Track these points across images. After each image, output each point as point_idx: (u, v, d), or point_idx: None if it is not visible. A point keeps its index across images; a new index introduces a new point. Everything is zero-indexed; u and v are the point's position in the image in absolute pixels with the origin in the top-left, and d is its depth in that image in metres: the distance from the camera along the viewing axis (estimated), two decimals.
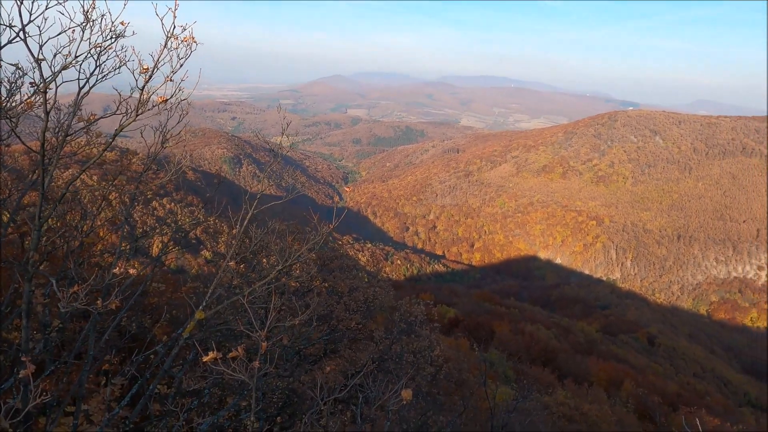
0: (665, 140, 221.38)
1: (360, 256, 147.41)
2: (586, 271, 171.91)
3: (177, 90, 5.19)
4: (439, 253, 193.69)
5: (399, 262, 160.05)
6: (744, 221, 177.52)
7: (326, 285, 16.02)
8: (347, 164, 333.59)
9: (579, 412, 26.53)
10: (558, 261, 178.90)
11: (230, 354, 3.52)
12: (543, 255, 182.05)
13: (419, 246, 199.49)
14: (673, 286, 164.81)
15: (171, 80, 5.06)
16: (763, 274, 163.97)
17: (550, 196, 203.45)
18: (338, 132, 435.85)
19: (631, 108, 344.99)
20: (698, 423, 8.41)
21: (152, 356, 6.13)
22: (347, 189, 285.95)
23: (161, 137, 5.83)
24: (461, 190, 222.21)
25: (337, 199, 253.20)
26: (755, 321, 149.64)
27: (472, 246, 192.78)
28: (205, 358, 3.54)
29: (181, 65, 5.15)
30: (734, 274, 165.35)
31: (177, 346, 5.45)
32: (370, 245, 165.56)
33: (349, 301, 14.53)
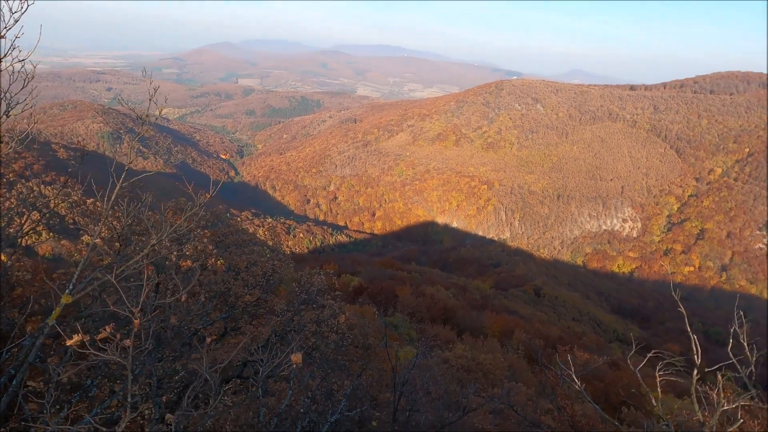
0: (545, 107, 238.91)
1: (260, 231, 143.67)
2: (480, 233, 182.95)
3: (12, 48, 4.44)
4: (342, 223, 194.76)
5: (301, 235, 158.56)
6: (611, 180, 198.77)
7: (221, 262, 15.43)
8: (242, 137, 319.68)
9: (475, 363, 28.58)
10: (454, 225, 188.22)
11: (99, 335, 3.22)
12: (440, 220, 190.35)
13: (321, 218, 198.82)
14: (554, 242, 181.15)
15: (3, 37, 4.32)
16: (627, 226, 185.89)
17: (445, 163, 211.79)
18: (230, 103, 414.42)
19: (515, 77, 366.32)
20: (569, 359, 9.46)
21: (15, 350, 5.44)
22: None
23: (4, 105, 4.99)
24: (360, 160, 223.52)
25: (233, 173, 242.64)
26: (621, 267, 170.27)
27: (374, 215, 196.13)
28: (68, 342, 3.21)
29: (16, 20, 4.42)
30: (604, 227, 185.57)
31: (42, 335, 4.90)
32: (270, 220, 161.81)
33: (247, 276, 14.13)
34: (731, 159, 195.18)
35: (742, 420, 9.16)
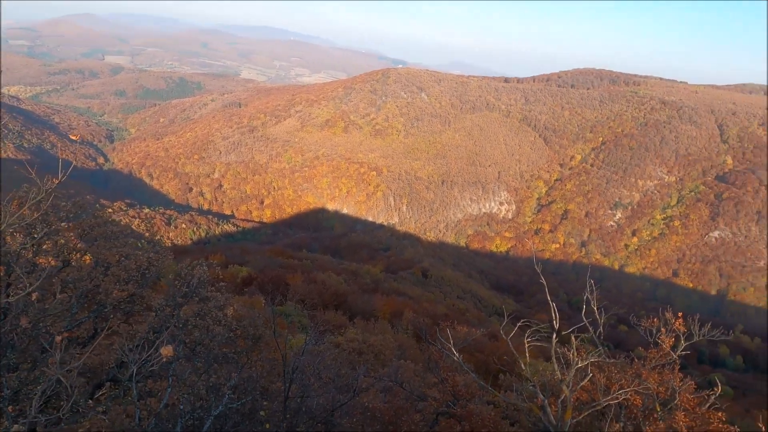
0: (429, 96, 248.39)
1: (136, 223, 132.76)
2: (370, 218, 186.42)
3: None
4: (228, 212, 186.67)
5: (184, 226, 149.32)
6: (489, 166, 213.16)
7: (89, 257, 14.05)
8: (111, 120, 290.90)
9: (367, 345, 29.35)
10: (345, 211, 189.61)
11: None
12: (331, 206, 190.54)
13: (206, 207, 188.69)
14: (440, 225, 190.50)
15: None
16: (503, 208, 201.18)
17: (334, 150, 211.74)
18: (95, 82, 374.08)
19: (400, 66, 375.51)
20: (449, 334, 10.15)
21: None
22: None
23: None
24: (246, 146, 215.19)
25: (102, 160, 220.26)
26: (499, 247, 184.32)
27: (262, 203, 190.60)
28: None
29: None
30: (483, 210, 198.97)
31: None
32: (147, 210, 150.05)
33: (118, 271, 13.04)
34: (588, 147, 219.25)
35: (591, 374, 10.55)
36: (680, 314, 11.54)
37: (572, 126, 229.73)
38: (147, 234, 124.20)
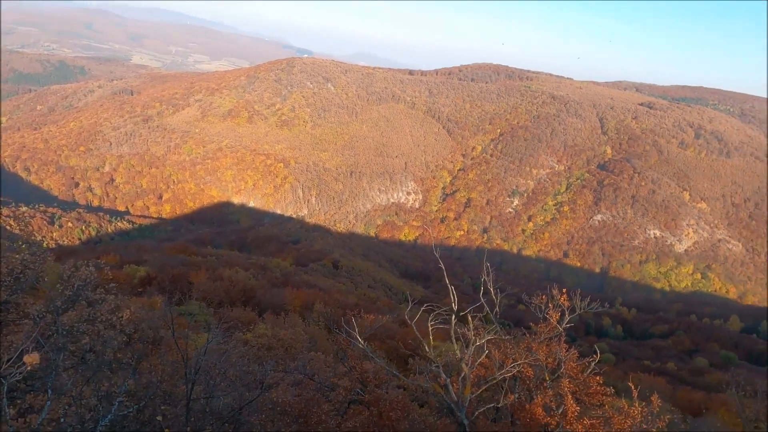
0: (336, 87, 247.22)
1: (11, 223, 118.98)
2: (278, 211, 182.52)
3: None
4: (122, 209, 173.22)
5: (70, 224, 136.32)
6: (396, 156, 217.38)
7: None
8: None
9: (276, 339, 28.81)
10: (252, 204, 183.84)
11: None
12: (236, 200, 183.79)
13: (96, 203, 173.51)
14: (349, 216, 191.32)
15: None
16: (411, 198, 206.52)
17: (239, 141, 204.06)
18: None
19: (306, 55, 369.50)
20: (353, 321, 10.31)
21: None
22: None
23: None
24: (141, 136, 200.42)
25: None
26: (407, 236, 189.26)
27: (161, 198, 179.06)
28: None
29: None
30: (392, 200, 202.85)
31: None
32: (25, 209, 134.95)
33: None
34: (488, 138, 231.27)
35: (488, 351, 11.28)
36: (564, 291, 12.67)
37: (473, 118, 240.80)
38: (23, 234, 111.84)
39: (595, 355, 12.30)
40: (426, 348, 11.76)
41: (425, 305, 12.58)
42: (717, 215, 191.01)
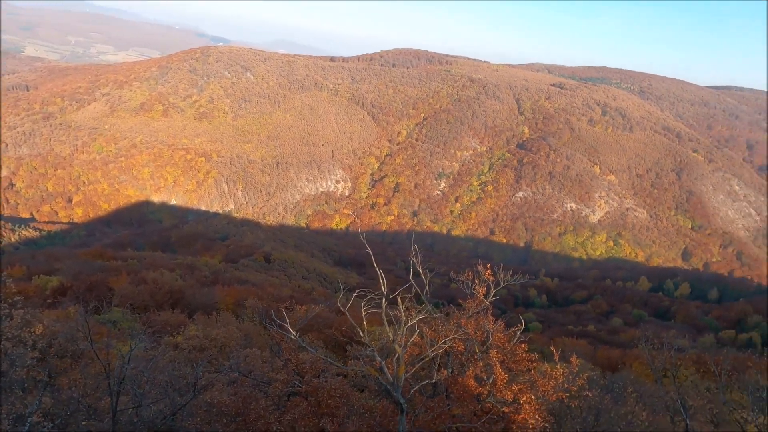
0: (255, 76, 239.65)
1: None
2: (203, 207, 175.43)
3: None
4: (26, 215, 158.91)
5: None
6: (322, 145, 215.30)
7: None
8: None
9: (209, 340, 27.90)
10: (173, 202, 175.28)
11: None
12: (156, 198, 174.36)
13: None
14: (278, 208, 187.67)
15: None
16: (340, 186, 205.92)
17: (154, 136, 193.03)
18: None
19: (221, 44, 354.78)
20: (285, 313, 10.21)
21: None
22: None
23: None
24: (42, 136, 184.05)
25: None
26: (339, 224, 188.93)
27: (71, 201, 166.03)
28: None
29: None
30: (321, 189, 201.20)
31: None
32: None
33: None
34: (412, 123, 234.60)
35: (419, 330, 11.62)
36: (489, 266, 13.26)
37: (396, 103, 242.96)
38: None
39: (519, 325, 13.03)
40: (361, 333, 11.89)
41: (357, 291, 12.69)
42: (624, 186, 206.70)
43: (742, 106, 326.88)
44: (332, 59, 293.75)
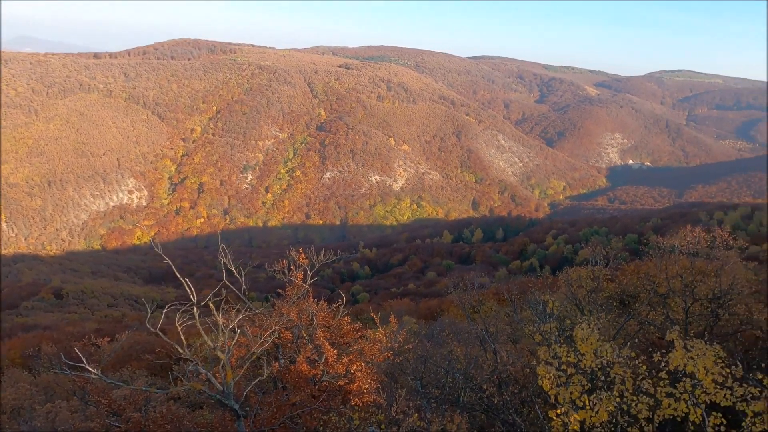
0: None
1: None
2: None
3: None
4: None
5: None
6: (104, 154, 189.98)
7: None
8: None
9: None
10: None
11: None
12: None
13: None
14: (61, 233, 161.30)
15: None
16: (135, 196, 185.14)
17: None
18: None
19: None
20: (77, 351, 8.92)
21: None
22: None
23: None
24: None
25: None
26: (141, 238, 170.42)
27: None
28: None
29: None
30: (112, 203, 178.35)
31: None
32: None
33: None
34: (205, 117, 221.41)
35: (239, 330, 11.31)
36: (301, 250, 13.42)
37: (183, 98, 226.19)
38: None
39: (341, 300, 13.54)
40: (180, 350, 11.04)
41: (168, 306, 11.69)
42: (417, 153, 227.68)
43: (496, 72, 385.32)
44: (96, 55, 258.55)
